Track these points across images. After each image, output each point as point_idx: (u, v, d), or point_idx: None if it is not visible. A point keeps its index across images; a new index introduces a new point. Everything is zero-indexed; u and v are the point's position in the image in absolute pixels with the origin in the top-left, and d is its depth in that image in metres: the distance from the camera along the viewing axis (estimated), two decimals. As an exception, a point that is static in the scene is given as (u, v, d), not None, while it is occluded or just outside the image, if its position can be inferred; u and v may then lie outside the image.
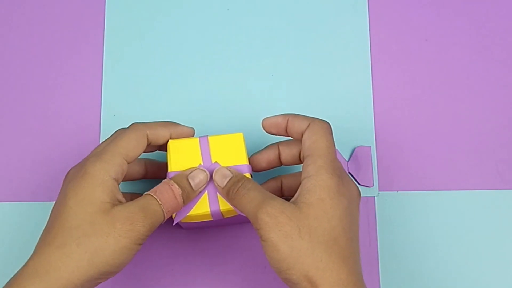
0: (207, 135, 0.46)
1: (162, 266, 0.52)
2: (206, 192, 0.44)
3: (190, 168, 0.44)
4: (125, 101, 0.56)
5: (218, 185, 0.44)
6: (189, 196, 0.43)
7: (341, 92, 0.56)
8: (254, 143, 0.50)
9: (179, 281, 0.52)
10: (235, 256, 0.52)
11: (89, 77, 0.57)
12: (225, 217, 0.45)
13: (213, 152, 0.45)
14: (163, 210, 0.42)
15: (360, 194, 0.43)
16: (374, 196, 0.53)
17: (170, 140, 0.46)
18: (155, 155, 0.50)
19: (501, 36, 0.57)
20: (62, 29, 0.58)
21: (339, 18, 0.58)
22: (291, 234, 0.38)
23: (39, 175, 0.54)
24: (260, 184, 0.47)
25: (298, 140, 0.44)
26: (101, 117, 0.55)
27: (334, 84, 0.56)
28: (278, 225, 0.39)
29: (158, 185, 0.43)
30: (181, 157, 0.45)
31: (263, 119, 0.46)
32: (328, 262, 0.38)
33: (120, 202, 0.41)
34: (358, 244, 0.41)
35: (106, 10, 0.58)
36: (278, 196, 0.41)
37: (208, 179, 0.44)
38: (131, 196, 0.49)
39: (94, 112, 0.56)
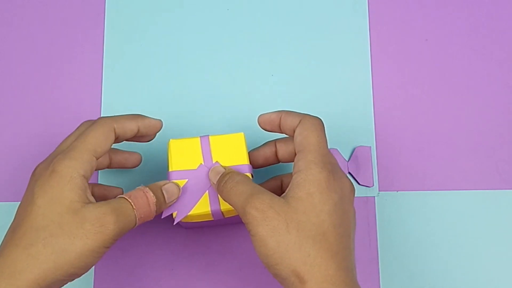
0: (208, 135, 0.46)
1: (162, 266, 0.52)
2: (207, 191, 0.44)
3: (164, 180, 0.44)
4: (125, 101, 0.56)
5: (212, 182, 0.44)
6: (161, 206, 0.43)
7: (341, 92, 0.56)
8: (254, 143, 0.50)
9: (179, 281, 0.52)
10: (235, 256, 0.52)
11: (89, 77, 0.56)
12: (226, 217, 0.45)
13: (214, 151, 0.45)
14: (136, 215, 0.41)
15: (353, 189, 0.42)
16: (374, 196, 0.53)
17: (171, 140, 0.46)
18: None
19: (501, 36, 0.57)
20: (62, 29, 0.58)
21: (339, 18, 0.58)
22: (278, 229, 0.38)
23: (39, 175, 0.54)
24: (261, 183, 0.47)
25: (291, 136, 0.44)
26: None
27: (334, 84, 0.56)
28: (266, 220, 0.38)
29: (133, 190, 0.42)
30: (182, 156, 0.45)
31: (259, 116, 0.46)
32: (316, 257, 0.38)
33: (90, 201, 0.40)
34: (351, 240, 0.40)
35: (106, 10, 0.58)
36: (279, 195, 0.41)
37: (180, 194, 0.44)
38: (104, 189, 0.49)
39: (94, 112, 0.56)
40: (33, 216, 0.39)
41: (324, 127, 0.43)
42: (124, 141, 0.47)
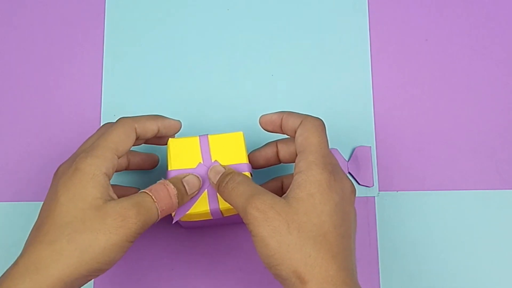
0: (207, 134, 0.46)
1: (162, 266, 0.52)
2: (206, 190, 0.44)
3: (184, 173, 0.44)
4: (125, 101, 0.56)
5: (211, 181, 0.44)
6: (183, 198, 0.43)
7: (341, 92, 0.56)
8: (254, 143, 0.50)
9: (179, 281, 0.51)
10: (235, 256, 0.52)
11: (89, 77, 0.57)
12: (225, 215, 0.45)
13: (213, 150, 0.45)
14: (157, 208, 0.41)
15: (354, 190, 0.42)
16: (374, 196, 0.53)
17: (170, 139, 0.46)
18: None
19: (501, 36, 0.57)
20: (62, 29, 0.58)
21: (339, 18, 0.58)
22: (279, 229, 0.38)
23: (39, 175, 0.54)
24: (261, 184, 0.47)
25: (292, 137, 0.44)
26: (101, 117, 0.55)
27: (334, 84, 0.56)
28: (267, 220, 0.38)
29: (154, 184, 0.42)
30: (181, 155, 0.45)
31: (260, 116, 0.46)
32: (316, 258, 0.38)
33: (112, 198, 0.41)
34: (351, 241, 0.40)
35: (106, 10, 0.58)
36: (279, 196, 0.41)
37: (201, 185, 0.44)
38: (121, 189, 0.49)
39: (94, 112, 0.56)
40: (57, 213, 0.39)
41: (325, 128, 0.43)
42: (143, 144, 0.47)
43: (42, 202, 0.41)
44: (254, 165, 0.47)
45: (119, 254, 0.39)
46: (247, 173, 0.45)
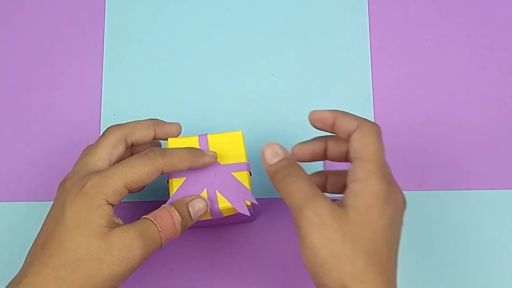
0: (207, 134, 0.46)
1: (162, 266, 0.52)
2: (206, 190, 0.44)
3: (191, 196, 0.44)
4: (125, 101, 0.56)
5: (266, 160, 0.41)
6: (187, 224, 0.43)
7: (341, 92, 0.56)
8: (253, 142, 0.50)
9: (179, 281, 0.51)
10: (235, 256, 0.52)
11: (89, 77, 0.57)
12: (224, 215, 0.45)
13: (212, 150, 0.45)
14: (161, 238, 0.41)
15: (405, 203, 0.41)
16: (374, 196, 0.53)
17: (169, 138, 0.46)
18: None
19: (501, 36, 0.57)
20: (62, 29, 0.58)
21: (339, 18, 0.58)
22: (334, 240, 0.36)
23: (39, 175, 0.54)
24: None
25: (344, 139, 0.42)
26: (101, 117, 0.55)
27: (334, 84, 0.56)
28: (323, 227, 0.37)
29: (158, 210, 0.42)
30: None
31: (311, 112, 0.43)
32: (366, 273, 0.36)
33: (117, 224, 0.41)
34: (397, 256, 0.40)
35: (106, 10, 0.58)
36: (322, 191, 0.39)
37: (208, 208, 0.44)
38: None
39: (94, 112, 0.56)
40: (63, 237, 0.39)
41: (381, 135, 0.41)
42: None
43: (43, 202, 0.41)
44: (299, 159, 0.44)
45: (120, 283, 0.40)
46: (246, 173, 0.45)
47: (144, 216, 0.42)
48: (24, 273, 0.39)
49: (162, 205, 0.43)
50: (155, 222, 0.41)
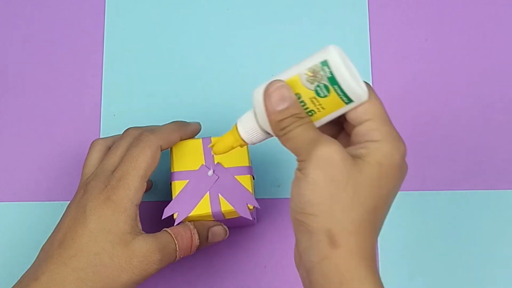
0: (210, 137, 0.46)
1: (162, 266, 0.52)
2: (208, 192, 0.44)
3: (214, 221, 0.46)
4: (125, 101, 0.56)
5: (271, 104, 0.37)
6: (201, 246, 0.45)
7: (341, 92, 0.56)
8: (256, 145, 0.50)
9: (179, 281, 0.52)
10: (235, 257, 0.52)
11: (89, 77, 0.56)
12: (226, 218, 0.45)
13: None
14: (177, 255, 0.43)
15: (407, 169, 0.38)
16: (374, 196, 0.53)
17: None
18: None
19: (501, 36, 0.57)
20: (62, 29, 0.58)
21: (339, 17, 0.58)
22: (337, 181, 0.34)
23: (39, 175, 0.54)
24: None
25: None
26: (101, 117, 0.55)
27: (334, 84, 0.56)
28: (330, 166, 0.34)
29: (181, 228, 0.44)
30: (184, 157, 0.46)
31: None
32: (359, 227, 0.34)
33: (140, 232, 0.42)
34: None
35: (106, 10, 0.58)
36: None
37: (226, 236, 0.46)
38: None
39: (94, 112, 0.56)
40: (85, 241, 0.41)
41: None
42: None
43: (43, 202, 0.41)
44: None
45: None
46: (249, 176, 0.45)
47: (165, 229, 0.43)
48: (41, 270, 0.40)
49: (186, 222, 0.44)
50: (176, 242, 0.43)
